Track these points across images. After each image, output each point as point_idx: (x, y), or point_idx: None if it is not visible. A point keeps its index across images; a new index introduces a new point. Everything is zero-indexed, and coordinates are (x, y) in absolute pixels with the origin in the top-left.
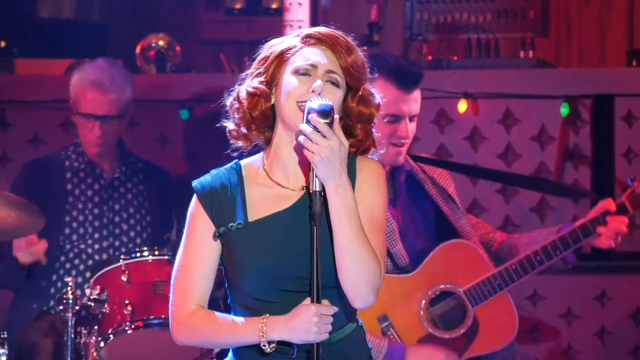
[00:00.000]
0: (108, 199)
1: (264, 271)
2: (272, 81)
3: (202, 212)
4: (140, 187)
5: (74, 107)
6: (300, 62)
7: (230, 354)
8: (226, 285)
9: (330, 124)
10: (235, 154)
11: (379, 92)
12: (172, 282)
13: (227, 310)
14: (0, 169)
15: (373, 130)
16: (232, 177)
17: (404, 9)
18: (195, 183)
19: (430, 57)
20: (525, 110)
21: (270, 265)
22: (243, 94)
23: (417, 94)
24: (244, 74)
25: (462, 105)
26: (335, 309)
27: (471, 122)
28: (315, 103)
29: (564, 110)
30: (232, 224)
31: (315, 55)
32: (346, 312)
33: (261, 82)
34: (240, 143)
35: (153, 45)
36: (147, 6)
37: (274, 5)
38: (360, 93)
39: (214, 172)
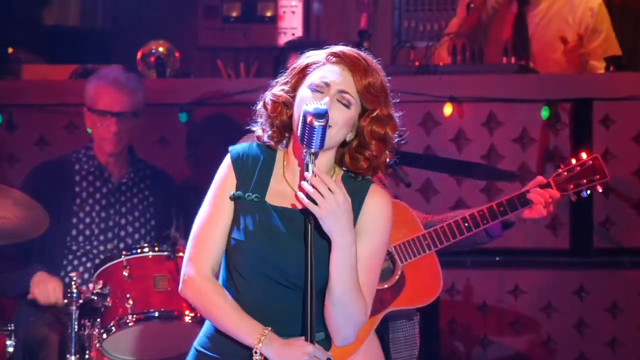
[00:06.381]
0: (115, 202)
1: (263, 254)
2: (293, 91)
3: (232, 174)
4: (146, 193)
5: (90, 106)
6: (316, 78)
7: (209, 329)
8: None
9: (325, 128)
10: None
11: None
12: (192, 234)
13: None
14: (8, 169)
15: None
16: (266, 155)
17: (392, 17)
18: (231, 148)
19: (417, 63)
20: (508, 114)
21: (269, 250)
22: (268, 100)
23: None
24: (275, 80)
25: (448, 109)
26: (330, 354)
27: (456, 124)
28: (310, 106)
29: (545, 113)
30: (249, 194)
31: (331, 73)
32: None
33: (283, 91)
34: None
35: (153, 51)
36: (148, 14)
37: (268, 14)
38: (374, 114)
39: (253, 144)
